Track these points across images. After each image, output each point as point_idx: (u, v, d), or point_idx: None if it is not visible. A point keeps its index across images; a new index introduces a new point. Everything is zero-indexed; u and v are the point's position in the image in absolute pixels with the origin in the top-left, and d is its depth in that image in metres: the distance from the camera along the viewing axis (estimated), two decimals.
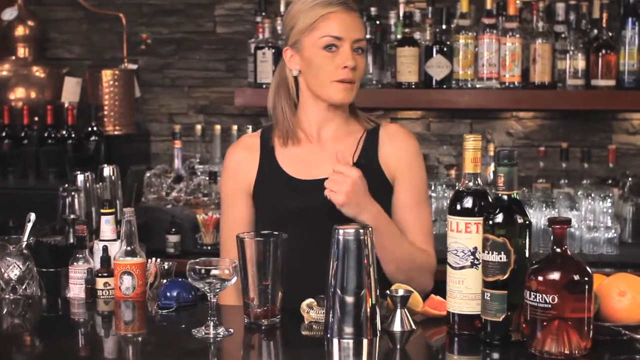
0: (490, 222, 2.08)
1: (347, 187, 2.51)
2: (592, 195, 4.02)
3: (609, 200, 4.00)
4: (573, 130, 4.45)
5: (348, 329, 2.03)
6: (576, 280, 1.99)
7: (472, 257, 2.15)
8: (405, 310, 2.23)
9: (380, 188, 2.68)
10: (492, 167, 4.14)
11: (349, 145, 2.73)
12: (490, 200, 2.15)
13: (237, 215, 2.76)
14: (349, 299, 2.04)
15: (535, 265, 2.02)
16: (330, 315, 2.05)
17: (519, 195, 2.11)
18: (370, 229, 2.08)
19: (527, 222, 2.08)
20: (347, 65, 2.62)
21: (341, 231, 2.07)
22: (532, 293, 2.00)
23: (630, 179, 4.24)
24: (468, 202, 2.16)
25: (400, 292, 2.23)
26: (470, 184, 2.18)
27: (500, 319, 2.08)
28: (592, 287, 2.01)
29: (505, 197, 2.08)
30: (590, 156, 4.33)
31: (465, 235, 2.15)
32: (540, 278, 1.99)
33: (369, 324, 2.04)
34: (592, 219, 3.98)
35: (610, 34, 4.09)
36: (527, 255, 2.08)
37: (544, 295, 1.98)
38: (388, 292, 2.25)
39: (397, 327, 2.21)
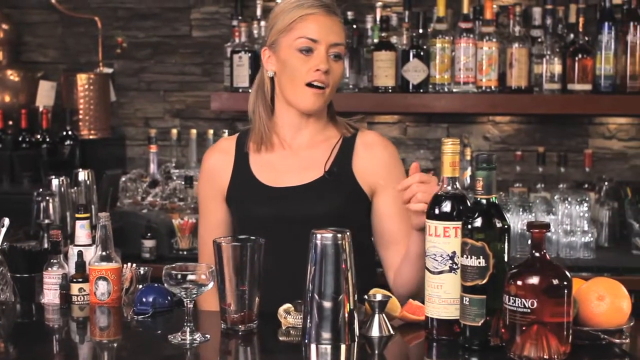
0: (469, 227, 2.06)
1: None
2: (569, 199, 4.02)
3: (585, 204, 4.00)
4: (549, 135, 4.45)
5: (326, 335, 2.03)
6: (555, 285, 1.98)
7: (450, 261, 2.13)
8: (384, 315, 2.21)
9: (352, 196, 2.66)
10: (469, 172, 4.13)
11: (323, 152, 2.70)
12: (469, 204, 2.14)
13: (214, 219, 2.76)
14: (327, 304, 2.04)
15: (514, 270, 2.01)
16: (308, 321, 2.05)
17: (497, 199, 2.10)
18: (348, 233, 2.07)
19: (506, 226, 2.07)
20: (320, 68, 2.59)
21: (319, 236, 2.06)
22: (511, 298, 1.99)
23: (606, 183, 4.24)
24: (446, 206, 2.15)
25: (378, 297, 2.22)
26: (449, 188, 2.17)
27: (479, 324, 2.07)
28: (572, 291, 2.01)
29: (484, 201, 2.07)
30: (567, 160, 4.34)
31: (443, 239, 2.14)
32: (519, 282, 1.98)
33: (346, 329, 2.03)
34: (569, 223, 3.97)
35: (586, 38, 4.10)
36: (505, 259, 2.07)
37: (523, 300, 1.97)
38: (366, 297, 2.23)
39: (375, 332, 2.18)
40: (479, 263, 2.05)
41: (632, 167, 4.43)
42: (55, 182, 3.64)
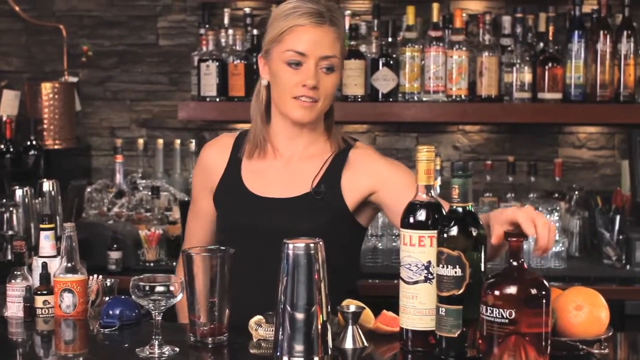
0: (445, 235, 2.03)
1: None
2: (540, 208, 3.99)
3: (556, 214, 3.98)
4: (519, 144, 4.43)
5: (298, 347, 1.99)
6: (534, 295, 1.94)
7: (426, 271, 2.09)
8: (357, 326, 2.17)
9: (336, 216, 2.60)
10: (439, 181, 4.10)
11: (314, 166, 2.64)
12: (444, 212, 2.10)
13: (202, 210, 2.76)
14: (299, 316, 2.00)
15: (492, 280, 1.98)
16: (280, 333, 2.01)
17: (473, 207, 2.06)
18: (320, 242, 2.02)
19: (483, 235, 2.03)
20: (307, 84, 2.53)
21: (291, 245, 2.02)
22: (488, 308, 1.95)
23: (576, 192, 4.23)
24: (421, 215, 2.11)
25: (352, 308, 2.18)
26: (424, 196, 2.12)
27: (456, 335, 2.03)
28: (550, 301, 1.97)
29: (460, 210, 2.04)
30: (537, 170, 4.32)
31: (418, 248, 2.10)
32: (497, 292, 1.94)
33: (319, 341, 1.99)
34: None
35: (556, 47, 4.09)
36: (482, 269, 2.03)
37: (501, 310, 1.93)
38: (339, 308, 2.19)
39: (348, 344, 2.15)
40: (455, 273, 2.01)
41: (602, 176, 4.42)
42: (19, 192, 3.58)
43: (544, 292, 1.95)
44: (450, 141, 4.48)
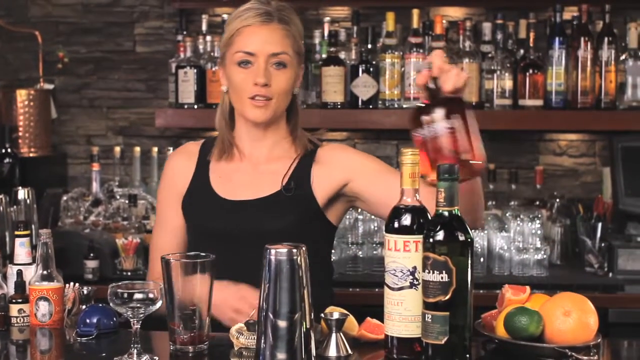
0: (431, 240, 1.98)
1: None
2: (521, 216, 3.97)
3: (537, 221, 3.95)
4: (500, 152, 4.40)
5: (281, 356, 1.94)
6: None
7: (411, 277, 2.05)
8: (341, 334, 2.12)
9: (308, 213, 2.60)
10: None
11: (282, 166, 2.64)
12: (429, 217, 2.06)
13: (169, 226, 2.71)
14: (282, 324, 1.95)
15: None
16: (262, 341, 1.96)
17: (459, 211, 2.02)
18: (303, 248, 1.98)
19: (469, 240, 1.99)
20: (257, 82, 2.53)
21: (273, 251, 1.97)
22: None
23: (557, 200, 4.21)
24: (406, 220, 2.06)
25: (336, 315, 2.13)
26: (409, 200, 2.08)
27: (442, 342, 1.98)
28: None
29: (446, 214, 1.99)
30: (518, 177, 4.30)
31: (403, 254, 2.05)
32: None
33: (302, 349, 1.94)
34: (521, 241, 3.92)
35: (537, 54, 4.07)
36: (469, 274, 1.99)
37: None
38: (322, 315, 2.15)
39: (332, 352, 2.11)
40: (442, 278, 1.97)
41: (583, 183, 4.40)
42: None
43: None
44: None
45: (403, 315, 2.07)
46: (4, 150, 4.19)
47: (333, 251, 3.40)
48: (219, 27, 4.34)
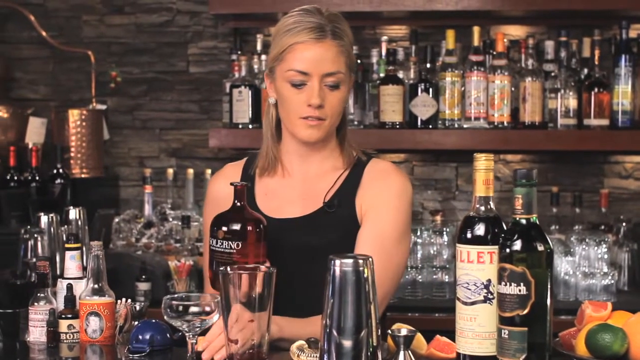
0: (508, 250, 1.85)
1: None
2: (587, 240, 3.83)
3: (604, 245, 3.81)
4: (563, 174, 4.28)
5: None
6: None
7: (485, 290, 1.92)
8: (409, 352, 2.00)
9: (350, 230, 2.49)
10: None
11: (328, 182, 2.54)
12: (504, 227, 1.93)
13: None
14: (347, 341, 1.83)
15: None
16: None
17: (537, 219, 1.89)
18: (370, 259, 1.86)
19: (549, 250, 1.86)
20: (311, 103, 2.42)
21: (337, 261, 1.86)
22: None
23: (624, 224, 4.07)
24: (480, 229, 1.94)
25: (403, 332, 2.01)
26: (482, 208, 1.96)
27: None
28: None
29: (524, 221, 1.87)
30: (582, 201, 4.17)
31: (477, 265, 1.92)
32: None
33: None
34: (587, 265, 3.78)
35: (602, 72, 3.95)
36: (549, 287, 1.85)
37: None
38: (390, 332, 2.02)
39: None
40: (520, 291, 1.84)
41: None
42: (44, 219, 3.44)
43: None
44: None
45: (476, 331, 1.94)
46: (55, 171, 4.16)
47: None
48: None
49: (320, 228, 2.49)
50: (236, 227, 2.28)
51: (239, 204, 2.32)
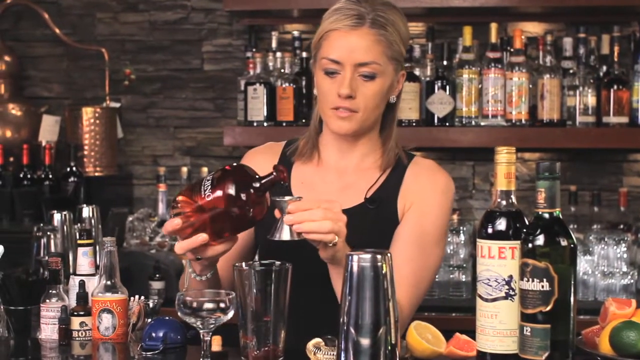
0: (530, 245, 1.81)
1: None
2: (605, 239, 3.77)
3: (623, 244, 3.76)
4: (582, 173, 4.23)
5: None
6: None
7: (507, 286, 1.88)
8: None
9: (388, 232, 2.41)
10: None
11: (369, 178, 2.45)
12: (527, 222, 1.89)
13: (238, 246, 2.34)
14: (364, 339, 1.78)
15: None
16: (343, 358, 1.79)
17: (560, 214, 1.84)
18: (389, 254, 1.81)
19: (573, 245, 1.81)
20: (341, 93, 2.32)
21: (355, 257, 1.81)
22: None
23: None
24: (501, 224, 1.90)
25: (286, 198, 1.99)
26: (504, 202, 1.91)
27: (543, 358, 1.81)
28: None
29: (547, 216, 1.82)
30: (600, 200, 4.12)
31: (498, 261, 1.88)
32: None
33: None
34: (606, 265, 3.73)
35: (622, 69, 3.90)
36: (572, 283, 1.81)
37: None
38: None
39: None
40: (542, 287, 1.80)
41: None
42: (57, 216, 3.39)
43: None
44: None
45: (497, 329, 1.90)
46: (68, 169, 4.15)
47: None
48: (288, 44, 4.23)
49: (359, 224, 2.36)
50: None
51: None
